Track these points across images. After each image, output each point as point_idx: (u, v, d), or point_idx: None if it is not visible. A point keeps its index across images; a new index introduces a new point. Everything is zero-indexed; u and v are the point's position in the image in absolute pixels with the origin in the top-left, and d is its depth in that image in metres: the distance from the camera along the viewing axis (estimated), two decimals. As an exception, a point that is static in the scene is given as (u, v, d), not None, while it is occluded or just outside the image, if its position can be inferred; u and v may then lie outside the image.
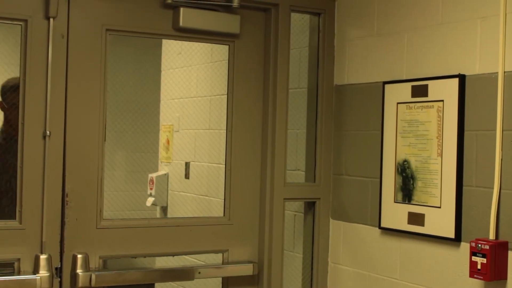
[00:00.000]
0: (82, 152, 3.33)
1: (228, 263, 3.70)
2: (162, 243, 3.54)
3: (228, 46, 3.72)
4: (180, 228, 3.60)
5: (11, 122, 3.33)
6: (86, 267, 3.28)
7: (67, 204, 3.28)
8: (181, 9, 3.49)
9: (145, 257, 3.64)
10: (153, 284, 5.44)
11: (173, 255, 3.71)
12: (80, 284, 3.25)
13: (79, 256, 3.27)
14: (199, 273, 3.61)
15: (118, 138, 6.72)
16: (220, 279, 3.83)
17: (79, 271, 3.26)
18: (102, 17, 3.38)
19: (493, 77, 2.98)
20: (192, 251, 3.74)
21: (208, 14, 3.58)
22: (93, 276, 3.27)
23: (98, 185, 3.36)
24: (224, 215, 3.73)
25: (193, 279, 3.63)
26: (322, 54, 3.84)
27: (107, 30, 3.39)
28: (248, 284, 3.73)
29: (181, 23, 3.50)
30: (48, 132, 3.24)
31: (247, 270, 3.68)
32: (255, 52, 3.75)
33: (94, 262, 3.34)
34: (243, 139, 3.73)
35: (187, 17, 3.51)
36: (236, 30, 3.64)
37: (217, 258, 3.85)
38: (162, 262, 4.07)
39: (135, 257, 3.60)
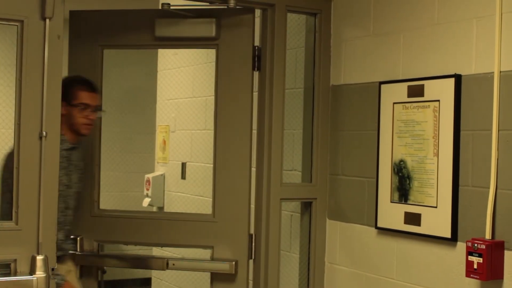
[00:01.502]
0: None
1: (213, 259, 3.73)
2: (148, 233, 3.82)
3: (215, 49, 3.74)
4: (166, 222, 3.84)
5: None
6: (81, 248, 3.79)
7: None
8: (156, 20, 3.73)
9: (127, 244, 4.20)
10: (150, 281, 5.56)
11: (158, 246, 4.30)
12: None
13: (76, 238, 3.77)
14: (173, 264, 3.81)
15: (114, 139, 6.72)
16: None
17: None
18: (94, 35, 3.83)
19: (489, 77, 2.99)
20: (176, 244, 4.02)
21: (182, 21, 3.71)
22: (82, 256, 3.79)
23: (94, 180, 3.82)
24: (211, 213, 3.75)
25: (164, 270, 3.86)
26: (319, 55, 3.84)
27: (100, 45, 3.84)
28: (229, 281, 3.74)
29: (156, 33, 3.75)
30: (44, 132, 3.24)
31: (223, 267, 3.71)
32: (244, 53, 3.74)
33: (90, 245, 3.81)
34: (231, 139, 3.73)
35: (162, 26, 3.74)
36: (211, 34, 3.69)
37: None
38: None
39: (124, 244, 4.15)
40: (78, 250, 3.78)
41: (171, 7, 3.65)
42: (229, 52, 3.73)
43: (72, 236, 3.74)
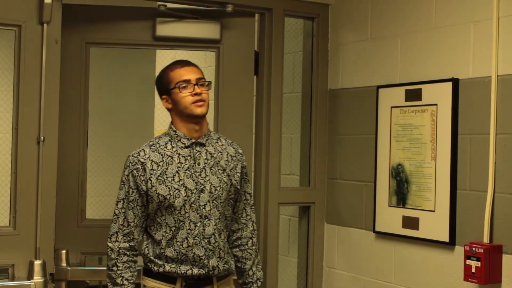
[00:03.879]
0: (66, 156, 3.51)
1: None
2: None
3: (215, 52, 3.73)
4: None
5: None
6: (67, 261, 3.52)
7: None
8: (157, 19, 3.59)
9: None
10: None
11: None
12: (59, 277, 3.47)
13: (62, 251, 3.49)
14: None
15: (112, 143, 6.72)
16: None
17: (60, 265, 3.48)
18: (82, 31, 3.55)
19: (486, 81, 2.99)
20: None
21: (185, 22, 3.65)
22: (69, 271, 3.50)
23: (79, 187, 3.56)
24: None
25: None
26: (316, 59, 3.84)
27: (87, 43, 3.55)
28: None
29: (156, 33, 3.61)
30: (42, 137, 3.23)
31: None
32: (244, 57, 3.74)
33: (76, 258, 3.56)
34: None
35: (163, 26, 3.61)
36: (216, 36, 3.67)
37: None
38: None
39: None
40: (65, 264, 3.51)
41: (169, 8, 3.59)
42: (231, 56, 3.72)
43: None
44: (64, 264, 3.49)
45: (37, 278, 3.18)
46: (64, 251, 3.50)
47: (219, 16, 3.68)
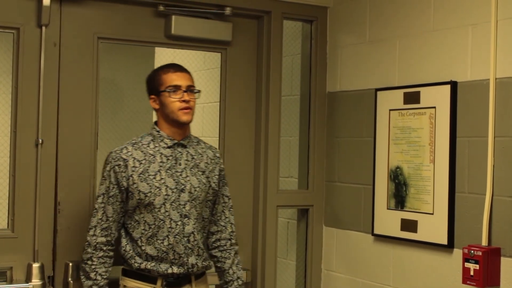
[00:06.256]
0: (74, 161, 3.33)
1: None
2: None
3: (220, 53, 3.73)
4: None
5: None
6: (78, 275, 3.20)
7: (59, 212, 3.28)
8: (173, 17, 3.51)
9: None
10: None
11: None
12: None
13: (70, 264, 3.26)
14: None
15: (110, 146, 6.70)
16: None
17: (70, 279, 3.25)
18: (94, 26, 3.39)
19: (484, 83, 2.99)
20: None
21: (200, 22, 3.59)
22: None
23: (90, 194, 3.35)
24: None
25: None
26: (315, 61, 3.84)
27: (99, 38, 3.40)
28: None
29: (172, 31, 3.51)
30: (40, 140, 3.23)
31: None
32: (247, 60, 3.75)
33: None
34: (235, 146, 3.73)
35: (179, 25, 3.53)
36: (228, 38, 3.65)
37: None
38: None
39: None
40: (74, 278, 3.23)
41: (168, 8, 3.56)
42: (238, 58, 3.72)
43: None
44: (70, 279, 3.24)
45: (35, 281, 3.18)
46: (72, 264, 3.24)
47: (227, 17, 3.64)
